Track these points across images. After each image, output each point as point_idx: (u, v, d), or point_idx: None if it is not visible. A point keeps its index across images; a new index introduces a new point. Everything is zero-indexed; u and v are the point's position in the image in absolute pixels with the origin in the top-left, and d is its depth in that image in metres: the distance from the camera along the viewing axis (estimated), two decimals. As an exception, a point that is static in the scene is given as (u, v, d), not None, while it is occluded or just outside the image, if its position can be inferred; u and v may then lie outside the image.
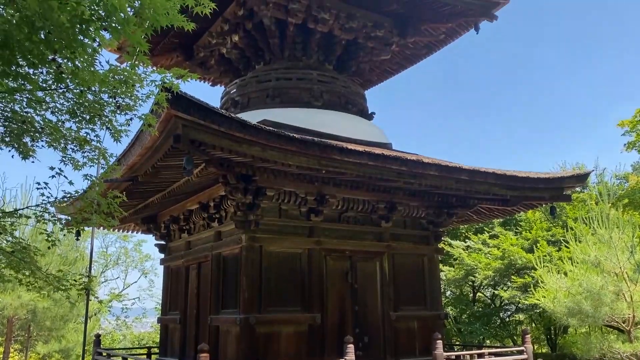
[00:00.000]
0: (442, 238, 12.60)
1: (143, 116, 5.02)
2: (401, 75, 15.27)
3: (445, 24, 12.71)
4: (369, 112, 12.92)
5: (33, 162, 5.33)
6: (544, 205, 14.16)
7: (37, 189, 5.83)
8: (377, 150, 9.48)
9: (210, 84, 15.23)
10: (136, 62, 4.31)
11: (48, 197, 5.89)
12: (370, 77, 15.03)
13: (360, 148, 8.99)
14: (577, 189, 18.63)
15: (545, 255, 17.27)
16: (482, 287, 24.10)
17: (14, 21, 3.71)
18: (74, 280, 7.04)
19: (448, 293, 24.82)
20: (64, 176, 5.59)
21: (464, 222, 15.78)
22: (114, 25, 3.71)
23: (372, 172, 9.12)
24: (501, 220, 23.43)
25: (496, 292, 22.42)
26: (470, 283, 23.68)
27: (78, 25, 3.67)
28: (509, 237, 22.31)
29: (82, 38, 3.79)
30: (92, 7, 3.67)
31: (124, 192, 7.47)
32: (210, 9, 4.19)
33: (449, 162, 10.30)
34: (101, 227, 10.17)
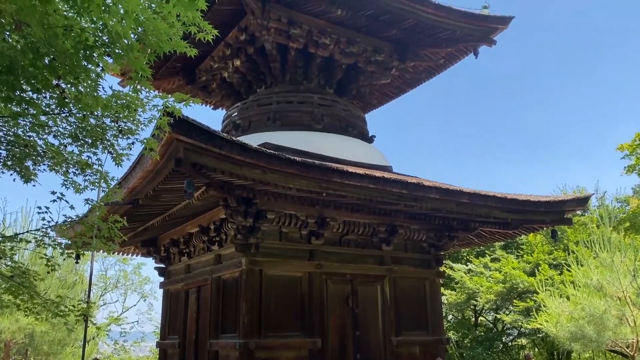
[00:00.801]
0: (444, 261, 12.53)
1: (145, 140, 5.05)
2: (402, 97, 15.39)
3: (444, 48, 12.86)
4: (370, 135, 12.98)
5: (34, 185, 5.34)
6: (545, 228, 14.10)
7: (38, 213, 5.83)
8: (378, 173, 9.48)
9: (212, 107, 15.31)
10: (139, 87, 4.35)
11: (49, 221, 5.88)
12: (370, 101, 15.14)
13: (360, 171, 9.01)
14: (578, 212, 18.58)
15: (547, 279, 17.16)
16: (484, 311, 23.89)
17: (19, 47, 3.76)
18: (73, 306, 6.96)
19: (450, 317, 24.58)
20: (65, 200, 5.61)
21: (465, 246, 15.70)
22: (117, 51, 3.75)
23: (372, 195, 9.11)
24: (502, 243, 23.36)
25: (498, 316, 22.21)
26: (472, 307, 23.47)
27: (82, 51, 3.71)
28: (511, 260, 22.20)
29: (85, 64, 3.83)
30: (96, 34, 3.72)
31: (125, 216, 7.46)
32: (213, 35, 4.24)
33: (450, 185, 10.30)
34: (101, 251, 10.12)
